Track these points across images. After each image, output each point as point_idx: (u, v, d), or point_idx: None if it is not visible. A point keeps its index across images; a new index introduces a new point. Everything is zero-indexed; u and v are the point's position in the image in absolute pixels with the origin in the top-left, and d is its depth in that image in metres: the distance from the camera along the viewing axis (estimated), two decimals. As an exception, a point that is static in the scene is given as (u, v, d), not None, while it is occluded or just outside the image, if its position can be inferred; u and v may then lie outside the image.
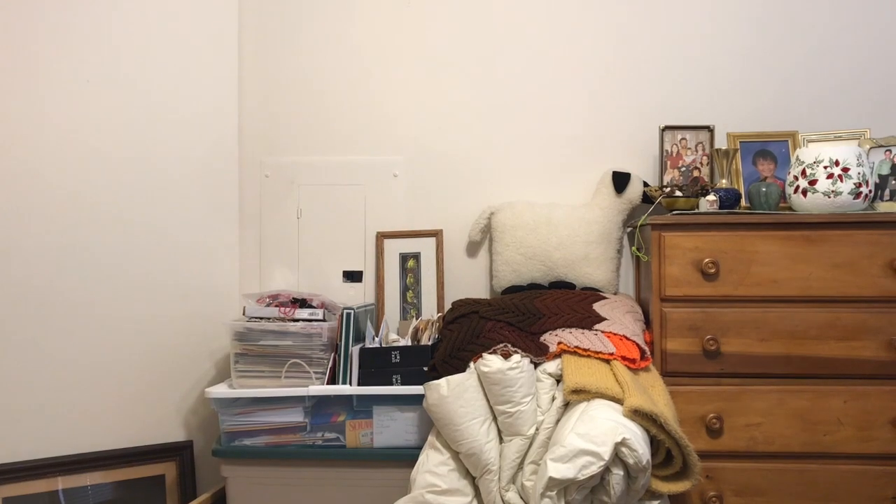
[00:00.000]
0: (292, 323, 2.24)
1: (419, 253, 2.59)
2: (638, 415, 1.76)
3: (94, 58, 2.32)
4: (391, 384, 2.20)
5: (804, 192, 2.10)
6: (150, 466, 2.37)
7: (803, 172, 2.11)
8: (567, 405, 1.90)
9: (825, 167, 2.08)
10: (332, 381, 2.23)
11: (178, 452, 2.42)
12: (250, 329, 2.21)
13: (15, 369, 2.22)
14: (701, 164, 2.46)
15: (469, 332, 2.08)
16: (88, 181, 2.31)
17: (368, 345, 2.29)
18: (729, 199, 2.22)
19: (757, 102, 2.51)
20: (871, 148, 2.23)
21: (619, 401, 1.81)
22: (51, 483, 2.22)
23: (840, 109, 2.48)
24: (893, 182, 2.18)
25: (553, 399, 1.95)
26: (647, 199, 2.41)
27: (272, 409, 2.21)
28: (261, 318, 2.26)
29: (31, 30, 2.25)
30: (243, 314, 2.30)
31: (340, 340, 2.24)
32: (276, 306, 2.29)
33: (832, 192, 2.07)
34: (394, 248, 2.59)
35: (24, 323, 2.23)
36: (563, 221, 2.42)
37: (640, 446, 1.71)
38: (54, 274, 2.27)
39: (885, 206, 2.16)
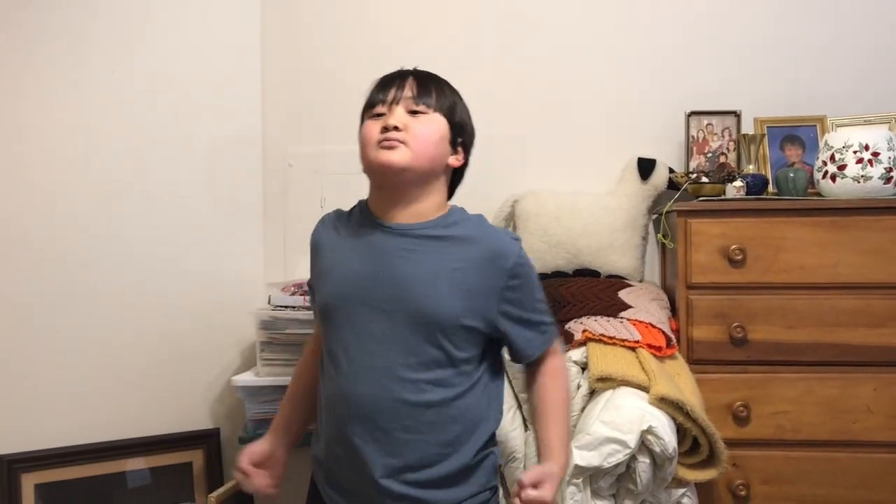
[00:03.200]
0: (317, 311, 2.25)
1: (443, 241, 2.58)
2: (664, 403, 1.75)
3: (117, 49, 2.34)
4: (416, 372, 2.20)
5: (833, 178, 2.08)
6: (177, 454, 2.39)
7: (832, 157, 2.08)
8: (592, 393, 1.90)
9: (854, 152, 2.05)
10: (357, 369, 2.24)
11: (205, 440, 2.44)
12: (276, 318, 2.22)
13: (47, 360, 2.25)
14: (727, 149, 2.43)
15: (493, 320, 2.08)
16: (113, 172, 2.33)
17: (393, 333, 2.29)
18: (756, 185, 2.20)
19: (784, 87, 2.48)
20: (901, 132, 2.20)
21: (644, 389, 1.81)
22: (79, 470, 2.25)
23: (870, 93, 2.44)
24: (925, 166, 2.14)
25: (578, 387, 1.94)
26: (672, 185, 2.38)
27: (298, 397, 2.22)
28: (286, 307, 2.27)
29: (60, 24, 2.26)
30: (269, 303, 2.31)
31: (365, 329, 2.25)
32: (301, 295, 2.30)
33: (862, 177, 2.04)
34: (417, 237, 2.59)
35: (55, 314, 2.25)
36: (587, 209, 2.40)
37: (666, 434, 1.70)
38: (84, 264, 2.29)
39: (916, 191, 2.13)
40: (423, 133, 1.37)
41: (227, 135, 2.53)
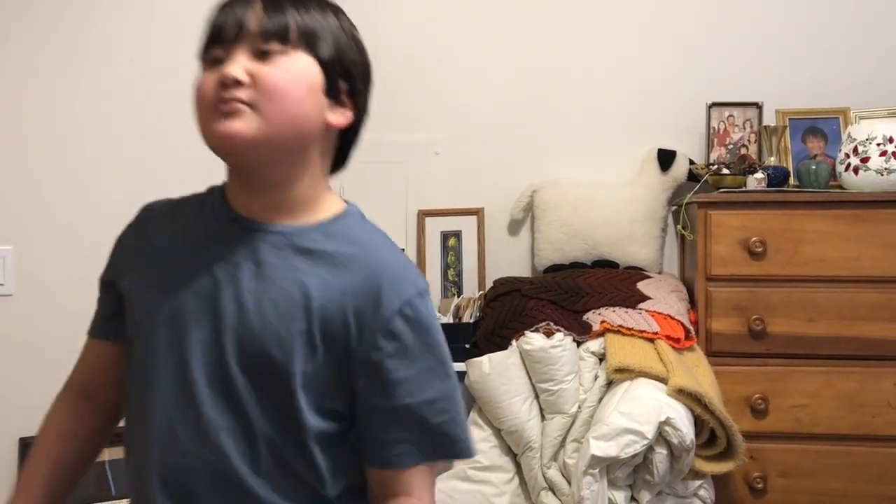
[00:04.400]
0: (335, 300, 2.25)
1: (460, 231, 2.58)
2: (682, 394, 1.75)
3: (129, 42, 2.33)
4: (433, 361, 2.20)
5: (856, 170, 2.06)
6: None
7: (855, 150, 2.07)
8: (610, 384, 1.90)
9: (878, 144, 2.03)
10: (375, 357, 2.24)
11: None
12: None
13: (67, 348, 2.27)
14: (749, 141, 2.41)
15: (511, 310, 2.08)
16: (122, 167, 2.32)
17: (410, 322, 2.29)
18: (777, 178, 2.18)
19: (807, 78, 2.45)
20: (926, 124, 2.17)
21: (663, 380, 1.80)
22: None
23: (893, 85, 2.41)
24: (949, 160, 2.12)
25: (596, 378, 1.94)
26: (692, 177, 2.37)
27: (315, 385, 2.23)
28: (304, 295, 2.28)
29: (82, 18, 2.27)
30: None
31: (383, 317, 2.25)
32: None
33: (885, 169, 2.02)
34: (435, 227, 2.59)
35: (77, 306, 2.27)
36: (606, 200, 2.40)
37: (683, 426, 1.70)
38: (97, 259, 2.30)
39: (940, 185, 2.11)
40: (279, 84, 0.91)
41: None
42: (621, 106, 2.54)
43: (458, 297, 2.47)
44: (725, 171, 2.26)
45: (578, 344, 1.99)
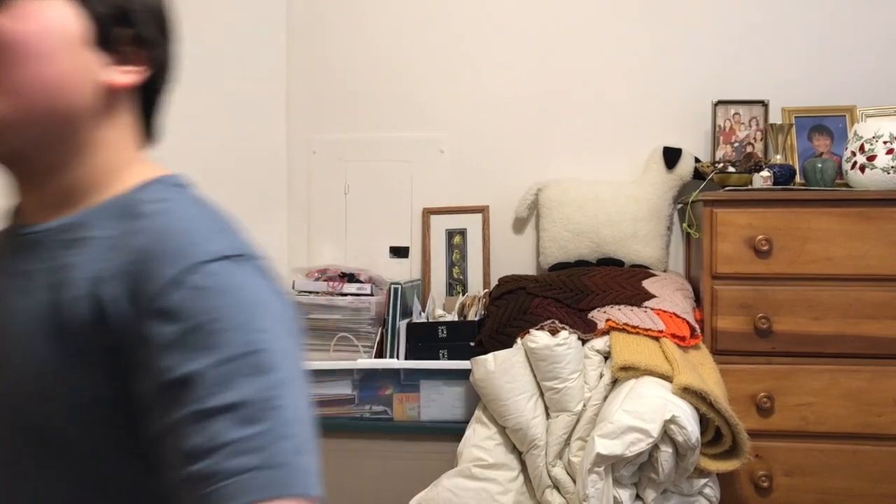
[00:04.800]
0: (340, 297, 2.26)
1: (465, 229, 2.58)
2: (687, 392, 1.75)
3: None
4: (438, 359, 2.21)
5: (862, 168, 2.05)
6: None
7: (861, 148, 2.06)
8: (615, 382, 1.90)
9: (885, 142, 2.02)
10: (380, 354, 2.25)
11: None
12: (299, 303, 2.24)
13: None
14: (755, 139, 2.41)
15: (516, 308, 2.08)
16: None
17: (415, 320, 2.30)
18: (783, 176, 2.18)
19: (813, 76, 2.44)
20: (933, 123, 2.16)
21: (668, 378, 1.80)
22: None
23: (900, 83, 2.41)
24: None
25: (601, 376, 1.94)
26: (698, 175, 2.37)
27: (320, 382, 2.24)
28: (309, 293, 2.29)
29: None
30: (292, 288, 2.32)
31: (388, 315, 2.25)
32: (325, 281, 2.31)
33: (891, 167, 2.01)
34: (440, 225, 2.59)
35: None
36: (611, 198, 2.39)
37: (689, 424, 1.70)
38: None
39: (946, 183, 2.10)
40: (19, 41, 0.68)
41: (252, 122, 2.54)
42: (626, 104, 2.54)
43: (463, 294, 2.47)
44: (731, 169, 2.25)
45: (583, 342, 1.99)
